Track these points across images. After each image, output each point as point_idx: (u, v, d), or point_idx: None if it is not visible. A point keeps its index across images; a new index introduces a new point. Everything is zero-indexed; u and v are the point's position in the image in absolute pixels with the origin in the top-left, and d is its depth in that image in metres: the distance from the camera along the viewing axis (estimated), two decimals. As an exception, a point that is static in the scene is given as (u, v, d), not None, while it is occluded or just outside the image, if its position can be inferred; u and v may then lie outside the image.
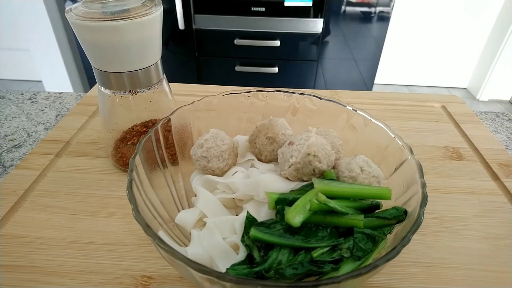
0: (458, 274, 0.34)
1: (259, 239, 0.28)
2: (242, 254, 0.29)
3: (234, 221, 0.31)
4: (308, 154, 0.33)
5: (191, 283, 0.32)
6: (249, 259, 0.28)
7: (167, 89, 0.47)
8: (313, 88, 1.61)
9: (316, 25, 1.44)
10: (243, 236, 0.29)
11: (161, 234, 0.29)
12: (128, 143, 0.45)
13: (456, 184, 0.45)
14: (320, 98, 0.43)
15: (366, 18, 1.46)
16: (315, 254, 0.27)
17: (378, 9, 1.44)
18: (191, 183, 0.37)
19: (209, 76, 1.62)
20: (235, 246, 0.30)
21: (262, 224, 0.29)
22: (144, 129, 0.46)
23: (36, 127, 0.58)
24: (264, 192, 0.31)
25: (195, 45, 1.51)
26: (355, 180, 0.33)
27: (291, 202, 0.30)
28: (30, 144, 0.53)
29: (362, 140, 0.40)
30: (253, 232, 0.28)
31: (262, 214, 0.31)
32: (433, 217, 0.40)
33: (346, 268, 0.27)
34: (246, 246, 0.28)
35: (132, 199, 0.28)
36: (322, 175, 0.34)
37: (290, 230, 0.29)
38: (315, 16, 1.41)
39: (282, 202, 0.30)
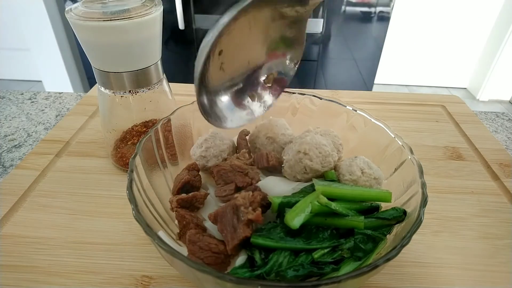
0: (458, 274, 0.34)
1: (260, 245, 0.28)
2: (242, 257, 0.28)
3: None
4: (299, 151, 0.33)
5: (191, 283, 0.32)
6: (250, 262, 0.28)
7: (167, 89, 0.47)
8: (313, 88, 1.61)
9: (316, 25, 1.43)
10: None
11: (161, 234, 0.29)
12: (128, 143, 0.45)
13: (456, 184, 0.45)
14: (320, 98, 0.43)
15: (366, 18, 1.46)
16: (316, 255, 0.27)
17: (378, 9, 1.44)
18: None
19: (209, 76, 1.62)
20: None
21: (262, 229, 0.29)
22: (144, 129, 0.46)
23: (36, 127, 0.58)
24: (268, 197, 0.31)
25: (195, 45, 1.51)
26: (356, 183, 0.33)
27: (294, 205, 0.30)
28: (30, 144, 0.53)
29: (362, 140, 0.40)
30: (254, 238, 0.28)
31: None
32: (433, 217, 0.40)
33: (346, 268, 0.27)
34: (247, 249, 0.28)
35: (132, 199, 0.28)
36: (323, 176, 0.34)
37: (291, 232, 0.28)
38: (315, 16, 1.41)
39: (286, 206, 0.30)
